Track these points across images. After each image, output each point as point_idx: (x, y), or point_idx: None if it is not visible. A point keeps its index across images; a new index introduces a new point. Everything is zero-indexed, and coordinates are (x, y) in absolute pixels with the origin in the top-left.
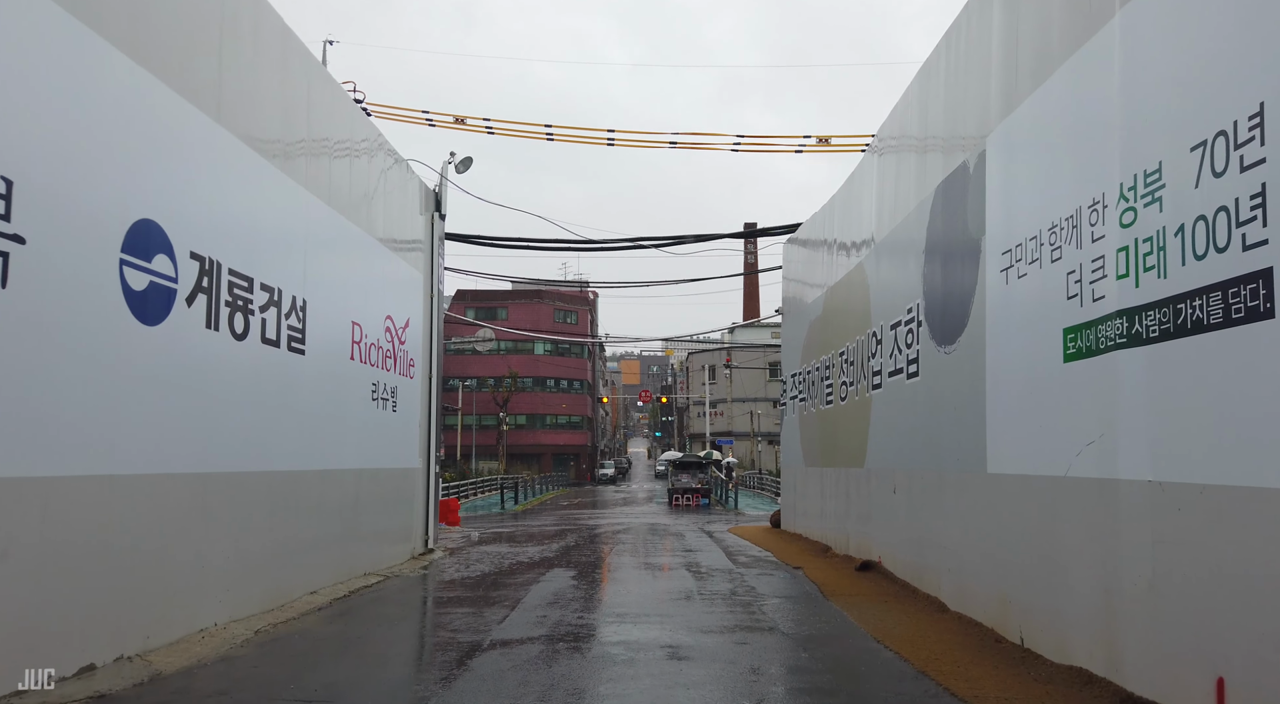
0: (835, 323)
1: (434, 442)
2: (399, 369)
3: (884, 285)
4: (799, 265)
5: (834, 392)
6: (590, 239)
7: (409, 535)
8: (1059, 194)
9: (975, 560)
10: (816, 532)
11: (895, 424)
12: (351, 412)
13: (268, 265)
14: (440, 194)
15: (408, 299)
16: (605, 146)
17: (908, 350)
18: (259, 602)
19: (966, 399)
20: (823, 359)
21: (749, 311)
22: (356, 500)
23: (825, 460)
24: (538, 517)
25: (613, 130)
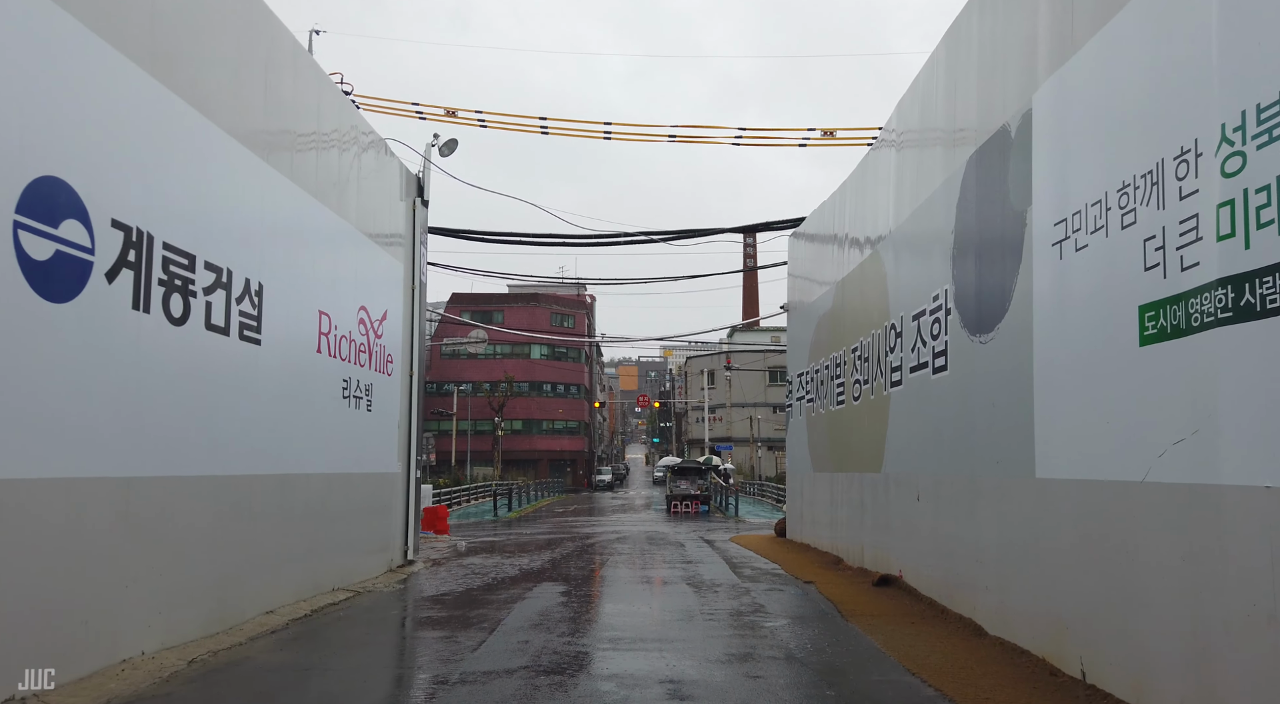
0: (847, 317)
1: (415, 444)
2: (375, 365)
3: (905, 273)
4: (805, 260)
5: (846, 391)
6: (587, 234)
7: (387, 546)
8: (1131, 148)
9: (1020, 579)
10: (826, 542)
11: (918, 424)
12: (318, 410)
13: (215, 243)
14: (423, 179)
15: (385, 290)
16: (602, 140)
17: (933, 342)
18: (201, 625)
19: (1008, 394)
20: (833, 356)
21: (748, 314)
22: (324, 508)
23: (836, 465)
24: (531, 525)
25: (609, 123)
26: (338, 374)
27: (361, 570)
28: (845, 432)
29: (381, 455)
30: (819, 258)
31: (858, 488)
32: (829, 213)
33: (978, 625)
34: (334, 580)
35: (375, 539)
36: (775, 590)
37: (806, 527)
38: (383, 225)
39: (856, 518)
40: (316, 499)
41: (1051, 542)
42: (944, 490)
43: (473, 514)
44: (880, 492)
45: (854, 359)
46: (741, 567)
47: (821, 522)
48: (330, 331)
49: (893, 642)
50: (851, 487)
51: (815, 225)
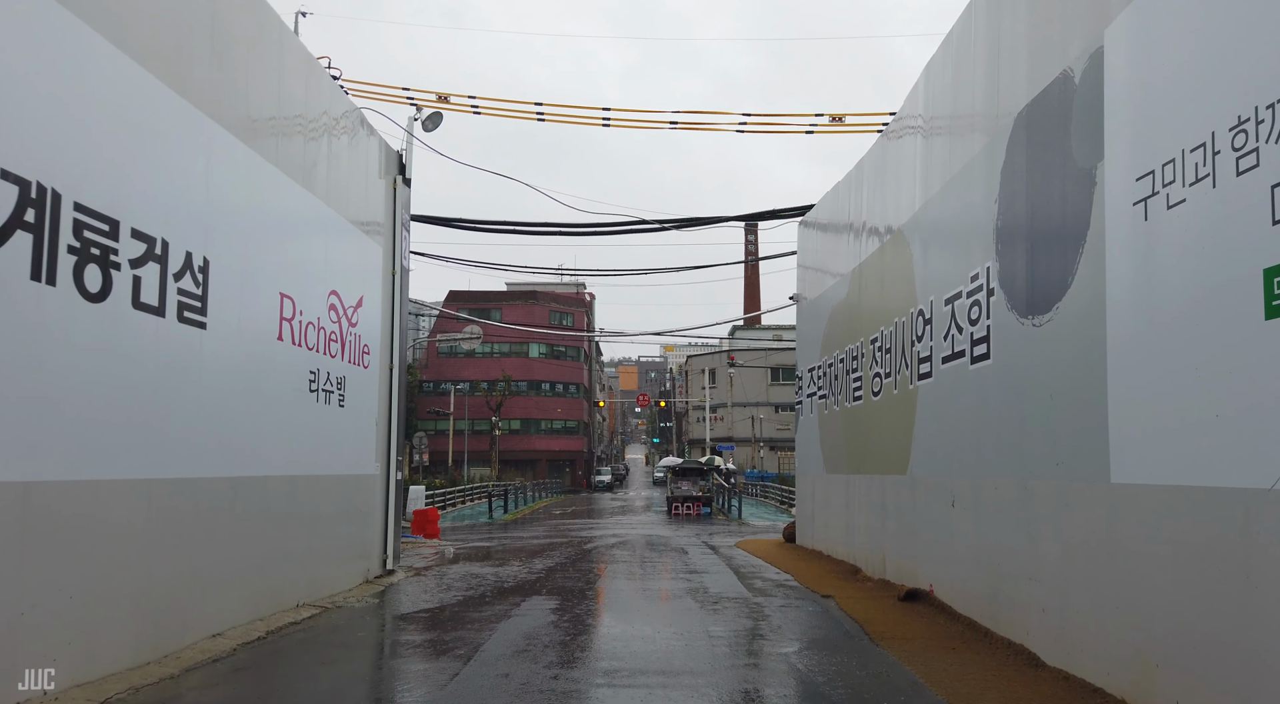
0: (865, 307)
1: (395, 443)
2: (349, 356)
3: (935, 254)
4: (816, 249)
5: (864, 385)
6: (585, 223)
7: (364, 554)
8: (1248, 77)
9: (1089, 601)
10: (842, 549)
11: (953, 421)
12: (280, 404)
13: (146, 208)
14: (405, 157)
15: (361, 275)
16: (600, 127)
17: (971, 328)
18: (128, 654)
19: (1071, 384)
20: (848, 349)
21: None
22: (288, 515)
23: (852, 466)
24: (527, 527)
25: (608, 109)
26: (304, 365)
27: (333, 583)
28: (863, 430)
29: (357, 455)
30: (831, 245)
31: (878, 491)
32: (842, 197)
33: (1031, 653)
34: (299, 595)
35: (349, 547)
36: (791, 606)
37: (819, 532)
38: (358, 204)
39: (877, 524)
40: (277, 504)
41: (1134, 559)
42: (986, 496)
43: (467, 516)
44: (906, 496)
45: (873, 351)
46: (751, 577)
47: (836, 527)
48: (295, 317)
49: (934, 673)
50: (871, 490)
51: (826, 211)
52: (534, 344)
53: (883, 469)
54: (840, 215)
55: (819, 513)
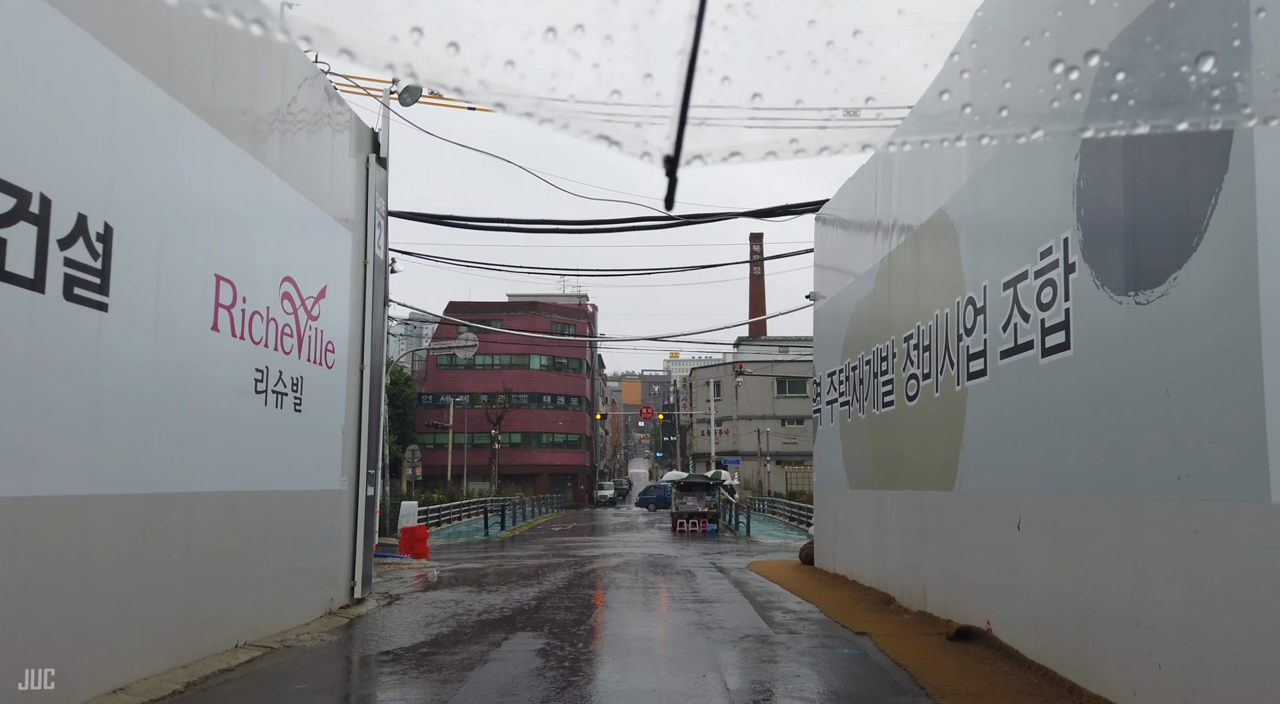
0: (897, 300)
1: (367, 454)
2: (308, 354)
3: (990, 230)
4: (835, 242)
5: (896, 389)
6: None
7: (328, 580)
8: None
9: (1238, 660)
10: (870, 574)
11: (1016, 426)
12: (216, 407)
13: (16, 150)
14: (381, 137)
15: (325, 261)
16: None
17: (1042, 313)
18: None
19: (1200, 374)
20: (876, 349)
21: (755, 324)
22: (225, 537)
23: (883, 481)
24: (523, 546)
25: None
26: (248, 361)
27: (286, 616)
28: (896, 439)
29: (318, 467)
30: (853, 238)
31: (915, 510)
32: (866, 183)
33: None
34: (240, 633)
35: (308, 574)
36: (822, 647)
37: (842, 554)
38: (321, 181)
39: (914, 547)
40: (210, 526)
41: None
42: (1067, 518)
43: (462, 533)
44: (953, 516)
45: (907, 350)
46: (770, 607)
47: (863, 550)
48: (235, 304)
49: None
50: (906, 508)
51: (847, 202)
52: (535, 356)
53: (921, 484)
54: (864, 203)
55: (842, 533)
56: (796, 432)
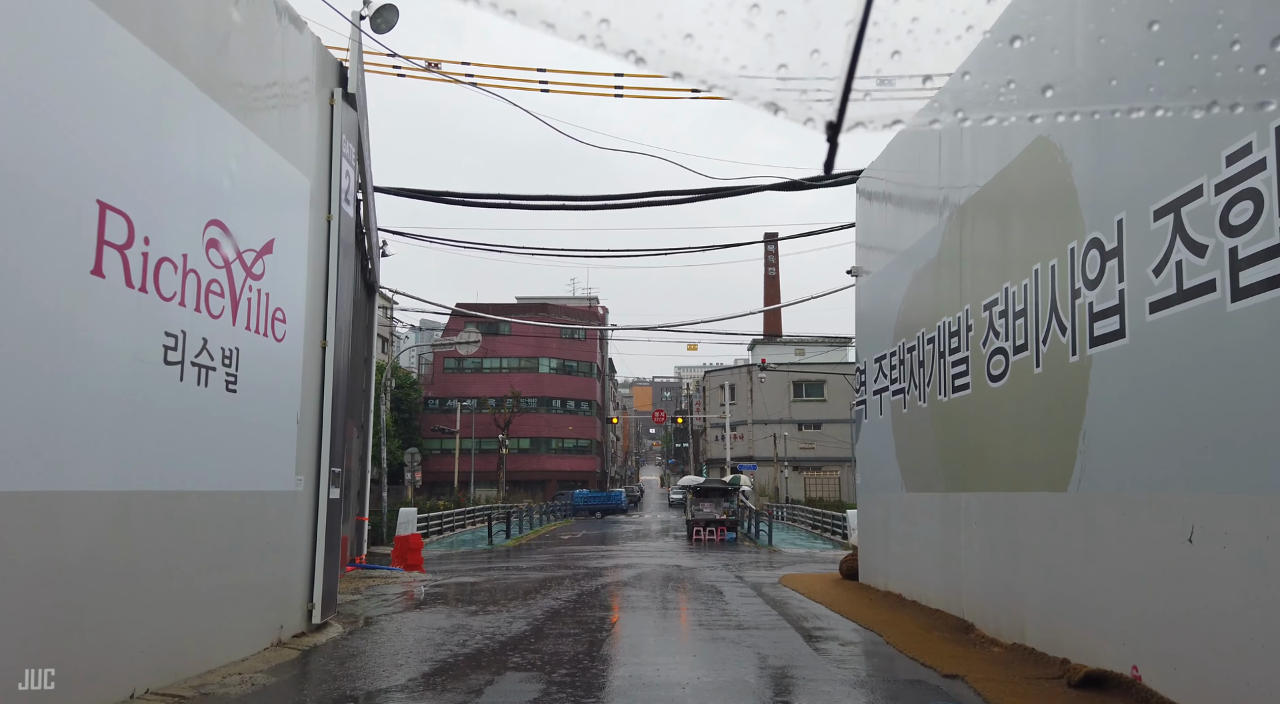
0: (973, 260)
1: (329, 448)
2: (249, 321)
3: (1125, 145)
4: (882, 208)
5: (974, 369)
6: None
7: (277, 604)
8: None
9: None
10: (937, 595)
11: (1186, 400)
12: (99, 378)
13: None
14: (351, 72)
15: (272, 208)
16: (613, 97)
17: (1234, 239)
18: None
19: None
20: (943, 323)
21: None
22: (118, 551)
23: (954, 481)
24: (528, 556)
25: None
26: (152, 321)
27: (212, 652)
28: (974, 430)
29: (261, 464)
30: (907, 198)
31: (1005, 517)
32: (924, 131)
33: None
34: (141, 677)
35: (247, 597)
36: (908, 699)
37: (895, 569)
38: (266, 108)
39: (1004, 564)
40: (89, 537)
41: None
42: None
43: (464, 542)
44: (1067, 523)
45: (989, 320)
46: (822, 637)
47: (926, 565)
48: (132, 244)
49: None
50: (991, 515)
51: (897, 160)
52: (544, 359)
53: (1014, 484)
54: (921, 157)
55: (895, 544)
56: (814, 436)
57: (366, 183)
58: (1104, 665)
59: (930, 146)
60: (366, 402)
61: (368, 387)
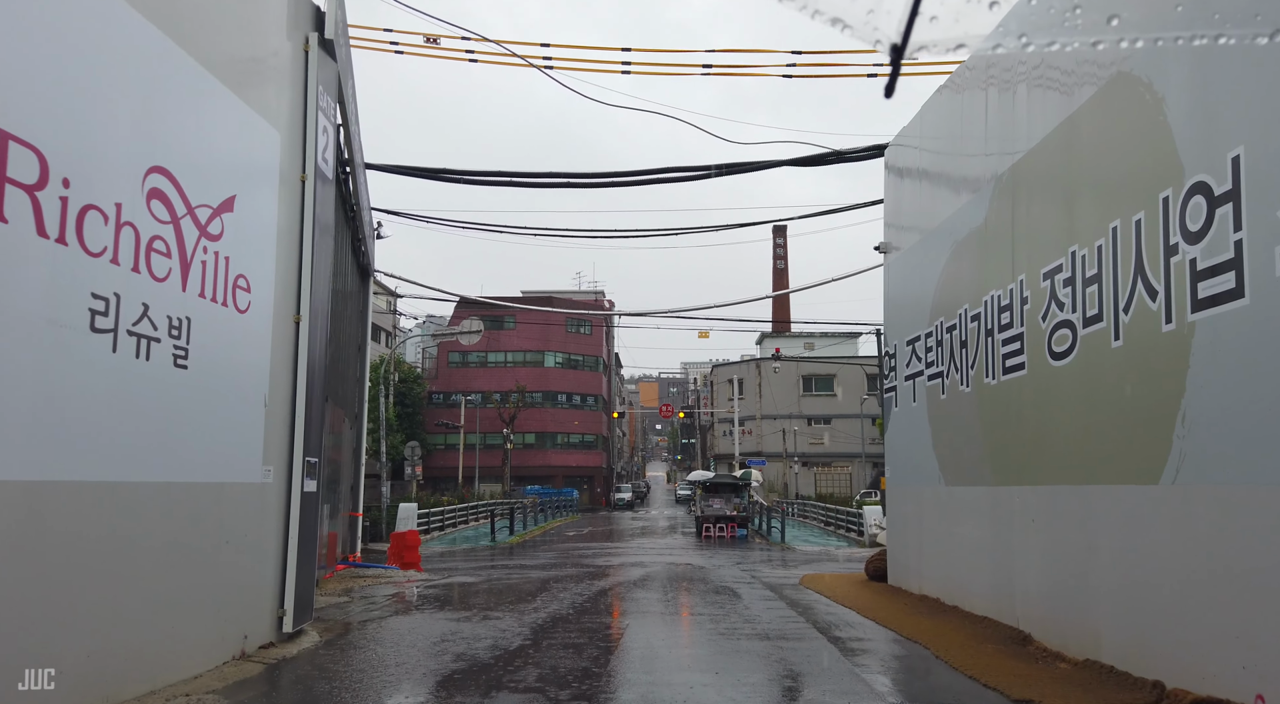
0: (1028, 224)
1: (304, 436)
2: (204, 287)
3: (1233, 77)
4: (915, 177)
5: (1030, 346)
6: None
7: (240, 612)
8: None
9: None
10: (984, 600)
11: None
12: (4, 344)
13: None
14: (329, 15)
15: (234, 161)
16: (620, 74)
17: None
18: None
19: None
20: (991, 298)
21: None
22: (29, 552)
23: (1005, 473)
24: (531, 554)
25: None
26: (75, 280)
27: (156, 670)
28: (1031, 415)
29: (219, 451)
30: (945, 163)
31: (1074, 514)
32: (967, 85)
33: None
34: (72, 701)
35: (199, 604)
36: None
37: (932, 570)
38: (225, 47)
39: (1072, 568)
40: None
41: None
42: None
43: (467, 539)
44: (1155, 522)
45: (1050, 288)
46: (859, 650)
47: (968, 567)
48: (45, 186)
49: None
50: (1054, 511)
51: (933, 122)
52: (549, 353)
53: (1084, 476)
54: (964, 115)
55: (932, 544)
56: (823, 431)
57: (355, 155)
58: (1217, 693)
59: (974, 104)
60: (360, 391)
61: (361, 375)
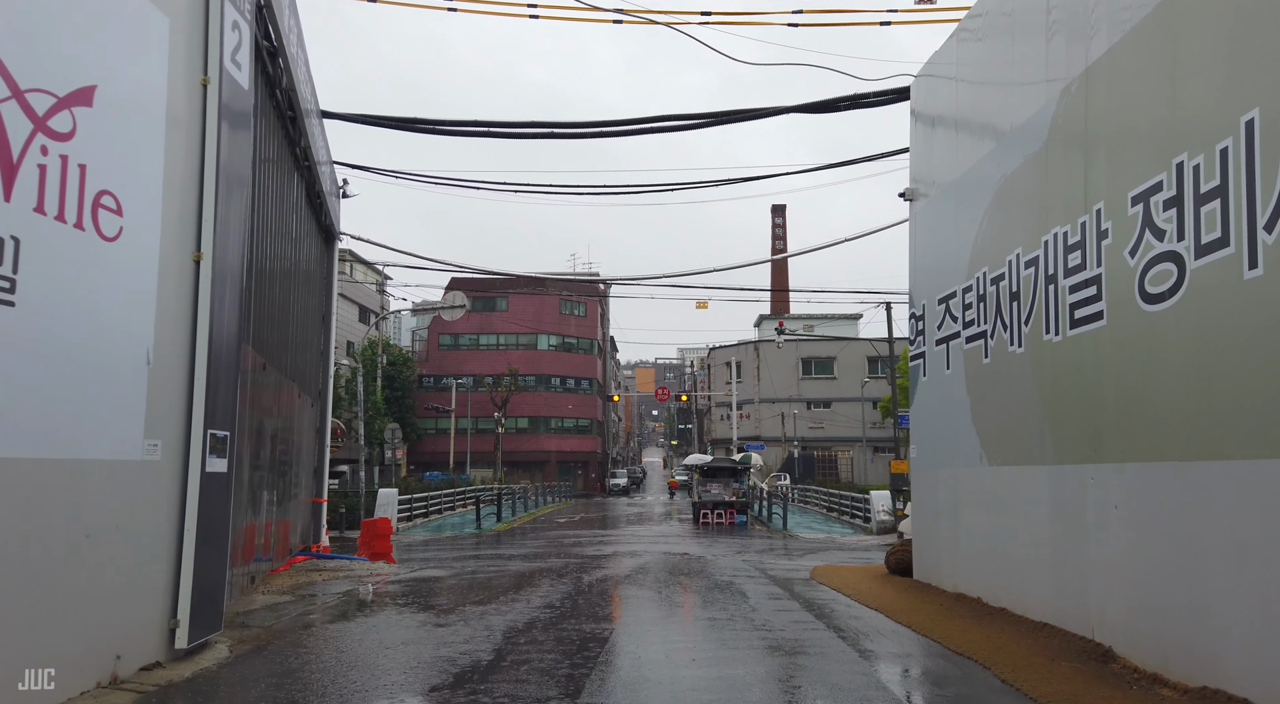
0: (1110, 137)
1: (207, 402)
2: (42, 198)
3: None
4: (951, 107)
5: (1110, 290)
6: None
7: (114, 623)
8: None
9: None
10: (1043, 603)
11: None
12: None
13: None
14: None
15: (87, 37)
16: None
17: None
18: None
19: None
20: (1053, 237)
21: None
22: None
23: (1070, 449)
24: (518, 542)
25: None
26: None
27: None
28: (1109, 376)
29: (73, 417)
30: (993, 81)
31: (1177, 498)
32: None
33: None
34: None
35: (42, 618)
36: None
37: (969, 565)
38: None
39: (1176, 566)
40: None
41: None
42: None
43: (452, 526)
44: None
45: (1144, 214)
46: (904, 673)
47: (1020, 561)
48: None
49: None
50: (1149, 495)
51: (974, 42)
52: (543, 336)
53: (1196, 450)
54: (1021, 15)
55: (969, 534)
56: (823, 415)
57: (298, 97)
58: None
59: (1030, 11)
60: (325, 367)
61: (326, 349)
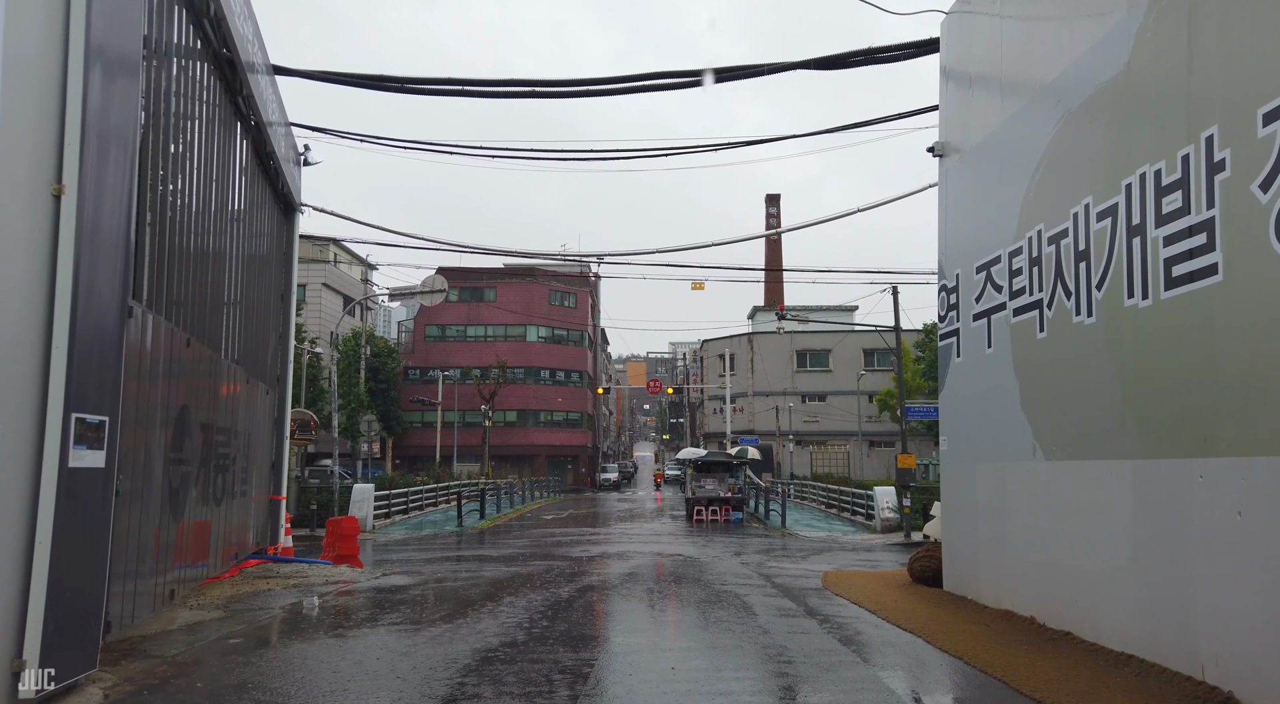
0: (1225, 50)
1: (62, 380)
2: None
3: None
4: (993, 41)
5: (1226, 238)
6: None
7: None
8: None
9: None
10: (1121, 629)
11: None
12: None
13: None
14: None
15: None
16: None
17: None
18: None
19: None
20: (1141, 178)
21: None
22: None
23: (1164, 440)
24: (500, 541)
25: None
26: None
27: None
28: (1228, 345)
29: None
30: (1044, 16)
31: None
32: None
33: None
34: None
35: None
36: None
37: (1018, 576)
38: None
39: None
40: None
41: None
42: None
43: (433, 523)
44: None
45: (1277, 137)
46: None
47: (1090, 577)
48: None
49: None
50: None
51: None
52: (532, 327)
53: None
54: None
55: (1018, 540)
56: (818, 409)
57: (231, 30)
58: None
59: None
60: (283, 351)
61: (285, 332)
